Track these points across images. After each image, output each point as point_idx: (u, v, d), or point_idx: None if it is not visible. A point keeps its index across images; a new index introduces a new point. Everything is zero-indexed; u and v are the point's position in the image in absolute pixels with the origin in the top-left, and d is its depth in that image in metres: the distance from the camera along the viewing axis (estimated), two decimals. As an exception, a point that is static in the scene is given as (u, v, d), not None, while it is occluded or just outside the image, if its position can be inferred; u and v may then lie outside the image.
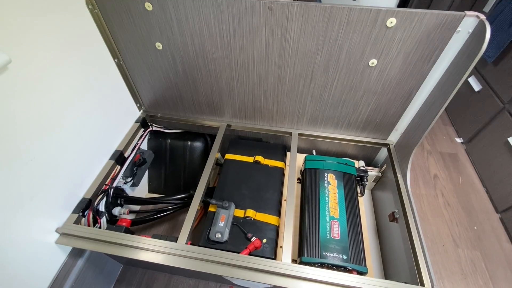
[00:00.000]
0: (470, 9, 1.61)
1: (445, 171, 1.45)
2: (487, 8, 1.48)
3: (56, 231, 0.73)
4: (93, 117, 0.81)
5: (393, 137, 0.99)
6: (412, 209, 0.80)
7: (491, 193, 1.32)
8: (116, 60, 0.88)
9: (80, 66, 0.74)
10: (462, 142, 1.59)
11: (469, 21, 0.64)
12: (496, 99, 1.34)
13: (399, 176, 0.89)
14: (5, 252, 0.59)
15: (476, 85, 1.48)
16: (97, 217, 0.83)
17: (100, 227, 0.83)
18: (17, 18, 0.57)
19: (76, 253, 0.79)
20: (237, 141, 1.08)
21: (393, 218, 0.87)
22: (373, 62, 0.76)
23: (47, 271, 0.71)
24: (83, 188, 0.82)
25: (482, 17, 0.62)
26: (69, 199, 0.77)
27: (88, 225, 0.81)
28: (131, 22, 0.78)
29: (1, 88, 0.55)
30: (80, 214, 0.78)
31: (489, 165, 1.35)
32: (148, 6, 0.74)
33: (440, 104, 0.72)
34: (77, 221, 0.77)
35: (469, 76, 1.52)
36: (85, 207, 0.79)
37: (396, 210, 0.86)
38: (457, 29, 0.66)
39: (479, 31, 0.62)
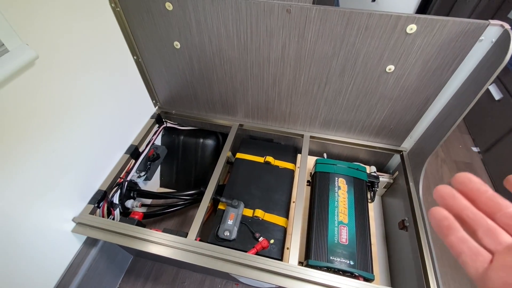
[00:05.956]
0: (493, 15, 1.56)
1: (459, 181, 1.41)
2: (512, 14, 1.43)
3: (73, 220, 0.76)
4: (111, 112, 0.84)
5: (407, 144, 0.97)
6: (423, 218, 0.79)
7: (507, 205, 1.28)
8: (135, 57, 0.91)
9: (100, 62, 0.77)
10: (478, 152, 1.55)
11: (493, 30, 0.62)
12: (518, 109, 1.29)
13: (411, 184, 0.88)
14: (25, 237, 0.62)
15: (496, 94, 1.43)
16: (111, 208, 0.86)
17: (113, 219, 0.86)
18: (44, 15, 0.59)
19: (90, 242, 0.82)
20: (249, 140, 1.09)
21: (403, 226, 0.86)
22: (390, 68, 0.75)
23: (62, 257, 0.75)
24: (99, 180, 0.85)
25: (507, 26, 0.60)
26: (86, 190, 0.80)
27: (103, 216, 0.84)
28: (151, 21, 0.80)
29: (28, 83, 0.57)
30: (96, 205, 0.81)
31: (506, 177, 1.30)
32: (169, 6, 0.75)
33: (458, 114, 0.71)
34: (93, 212, 0.80)
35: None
36: (101, 198, 0.82)
37: (406, 218, 0.85)
38: (480, 38, 0.64)
39: (503, 41, 0.60)
